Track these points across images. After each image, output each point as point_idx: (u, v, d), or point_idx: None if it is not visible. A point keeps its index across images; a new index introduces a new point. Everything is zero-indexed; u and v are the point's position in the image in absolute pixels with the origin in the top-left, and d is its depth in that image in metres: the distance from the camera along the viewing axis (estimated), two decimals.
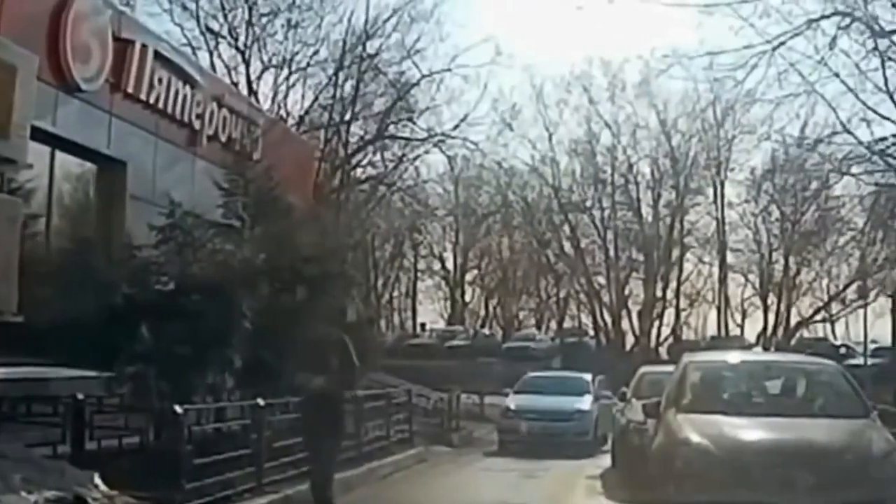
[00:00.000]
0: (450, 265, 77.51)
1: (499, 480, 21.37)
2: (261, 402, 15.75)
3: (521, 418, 28.73)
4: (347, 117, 43.96)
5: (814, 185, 59.15)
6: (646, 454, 13.70)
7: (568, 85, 64.25)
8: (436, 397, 32.81)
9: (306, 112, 44.39)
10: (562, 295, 73.21)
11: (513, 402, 29.90)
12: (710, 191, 67.57)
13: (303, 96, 45.18)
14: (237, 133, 26.45)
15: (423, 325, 76.03)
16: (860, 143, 24.76)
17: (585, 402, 29.28)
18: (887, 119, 23.93)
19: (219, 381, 16.77)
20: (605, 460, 23.37)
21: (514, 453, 26.69)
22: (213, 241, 18.36)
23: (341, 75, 43.75)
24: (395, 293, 78.97)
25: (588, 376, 31.58)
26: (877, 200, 37.21)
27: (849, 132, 25.21)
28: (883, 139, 24.54)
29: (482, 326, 75.04)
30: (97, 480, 12.35)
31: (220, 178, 19.85)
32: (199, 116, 25.11)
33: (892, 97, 23.63)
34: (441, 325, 74.77)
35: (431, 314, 79.35)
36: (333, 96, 43.52)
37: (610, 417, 25.73)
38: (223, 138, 25.96)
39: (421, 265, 78.29)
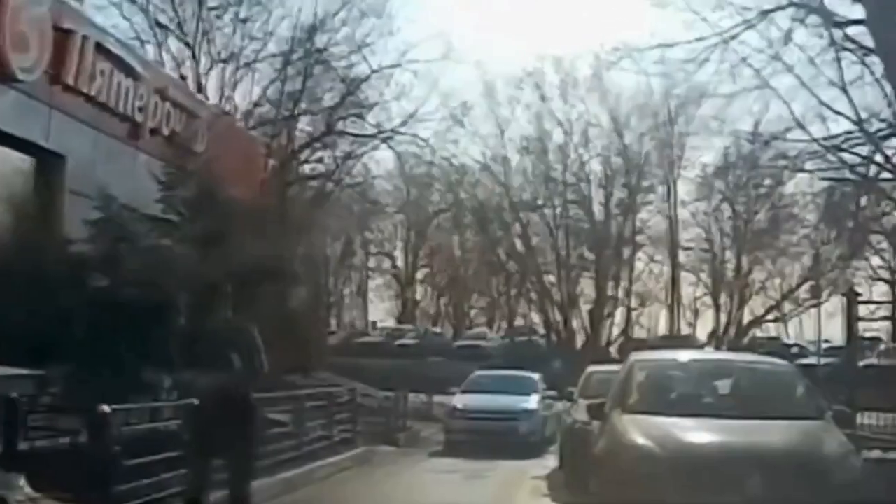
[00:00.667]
0: (400, 263, 77.00)
1: (442, 481, 21.09)
2: (196, 401, 15.25)
3: (468, 418, 28.40)
4: (295, 112, 43.50)
5: (767, 182, 59.31)
6: (590, 456, 13.31)
7: (520, 82, 64.07)
8: (382, 396, 32.35)
9: (255, 105, 43.83)
10: (513, 294, 72.94)
11: (459, 401, 29.54)
12: (663, 189, 67.66)
13: (250, 91, 44.67)
14: (181, 126, 25.98)
15: (373, 323, 76.09)
16: (814, 139, 24.50)
17: (533, 402, 29.02)
18: (841, 115, 23.66)
19: (155, 380, 16.32)
20: (553, 461, 22.97)
21: (460, 453, 26.25)
22: (150, 235, 17.90)
23: (289, 70, 43.30)
24: (347, 291, 78.33)
25: (536, 375, 31.41)
26: (830, 198, 37.12)
27: (802, 128, 24.98)
28: (837, 136, 24.27)
29: (433, 325, 74.70)
30: (22, 482, 11.95)
31: (160, 172, 19.44)
32: (142, 109, 24.67)
33: (846, 92, 23.38)
34: (392, 323, 74.35)
35: (382, 313, 79.14)
36: (281, 91, 43.07)
37: (559, 417, 25.51)
38: (166, 132, 25.51)
39: (372, 263, 77.79)
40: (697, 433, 11.51)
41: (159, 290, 16.44)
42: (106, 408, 12.99)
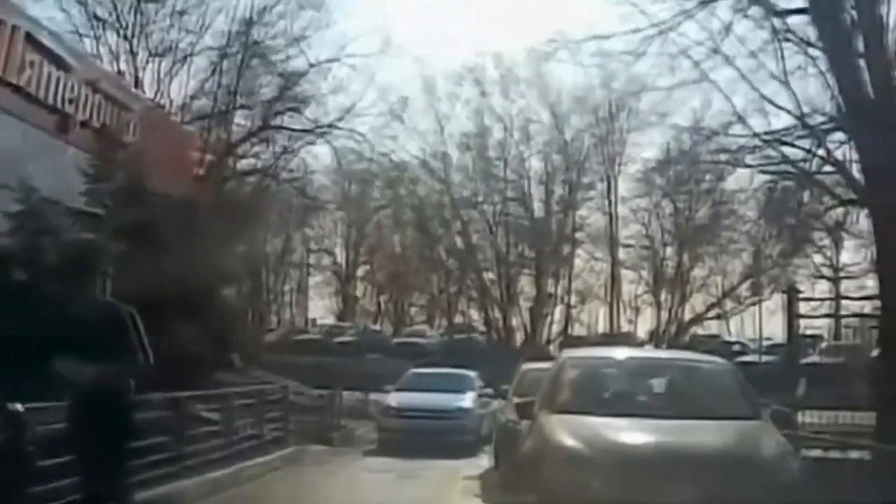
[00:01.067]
0: (341, 260, 76.36)
1: (373, 481, 20.87)
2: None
3: (402, 416, 28.12)
4: (232, 107, 43.10)
5: (708, 178, 59.37)
6: (519, 457, 12.97)
7: (460, 78, 63.78)
8: (315, 394, 31.92)
9: (191, 98, 43.43)
10: (452, 291, 72.41)
11: (394, 399, 29.19)
12: (603, 185, 67.41)
13: (186, 85, 44.27)
14: (112, 119, 25.43)
15: (313, 320, 75.25)
16: (755, 133, 24.18)
17: (468, 400, 28.75)
18: (782, 109, 23.33)
19: (76, 376, 15.87)
20: (488, 460, 22.65)
21: (394, 452, 25.99)
22: (72, 229, 17.47)
23: (226, 64, 42.94)
24: (287, 288, 77.79)
25: (472, 373, 31.11)
26: (771, 194, 36.96)
27: (743, 122, 24.64)
28: (778, 130, 23.96)
29: (373, 322, 74.23)
30: None
31: (87, 165, 19.03)
32: (72, 101, 24.05)
33: (788, 86, 23.05)
34: (332, 320, 73.49)
35: (323, 310, 78.21)
36: (218, 85, 42.70)
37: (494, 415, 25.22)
38: (97, 124, 24.90)
39: (312, 260, 77.05)
40: (628, 433, 11.16)
41: (79, 283, 16.00)
42: (19, 406, 12.27)
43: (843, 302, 50.18)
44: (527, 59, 57.24)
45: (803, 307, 26.08)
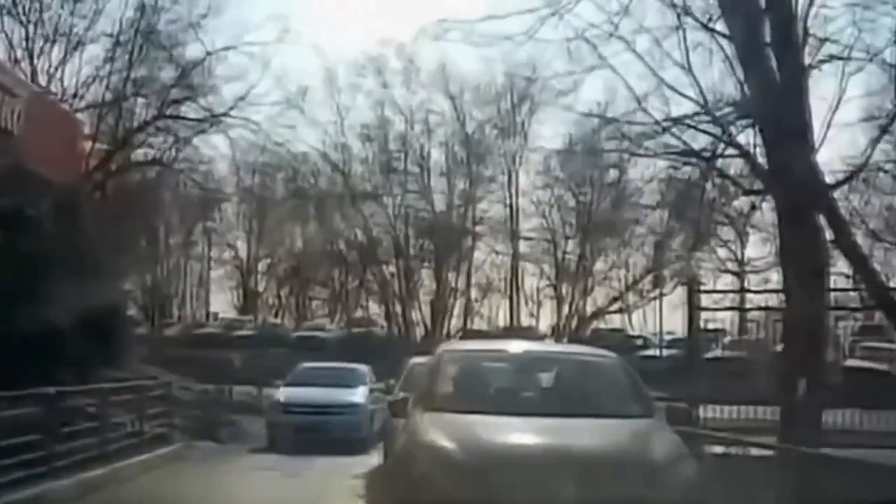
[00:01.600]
0: (243, 253, 75.58)
1: (255, 480, 20.21)
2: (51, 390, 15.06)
3: (291, 412, 27.59)
4: (126, 95, 42.23)
5: (612, 171, 59.38)
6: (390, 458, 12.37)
7: (362, 68, 63.40)
8: (200, 389, 31.24)
9: (86, 86, 42.49)
10: (354, 285, 72.16)
11: (282, 394, 28.63)
12: (504, 178, 67.17)
13: (79, 71, 43.29)
14: None
15: (214, 314, 74.66)
16: (656, 121, 23.80)
17: (359, 395, 28.29)
18: (685, 96, 22.96)
19: None
20: (375, 458, 22.05)
21: (282, 449, 25.53)
22: None
23: (120, 50, 42.03)
24: (190, 282, 76.46)
25: (364, 367, 30.66)
26: (670, 182, 36.71)
27: (643, 110, 24.23)
28: (681, 118, 23.56)
29: (275, 316, 73.80)
30: None
31: None
32: None
33: (691, 72, 22.69)
34: (234, 314, 72.84)
35: (225, 304, 77.61)
36: (109, 72, 41.82)
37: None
38: None
39: (215, 253, 76.08)
40: (506, 433, 10.43)
41: None
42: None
43: (748, 296, 50.41)
44: (423, 44, 56.80)
45: (705, 300, 25.75)
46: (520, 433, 10.44)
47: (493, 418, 10.83)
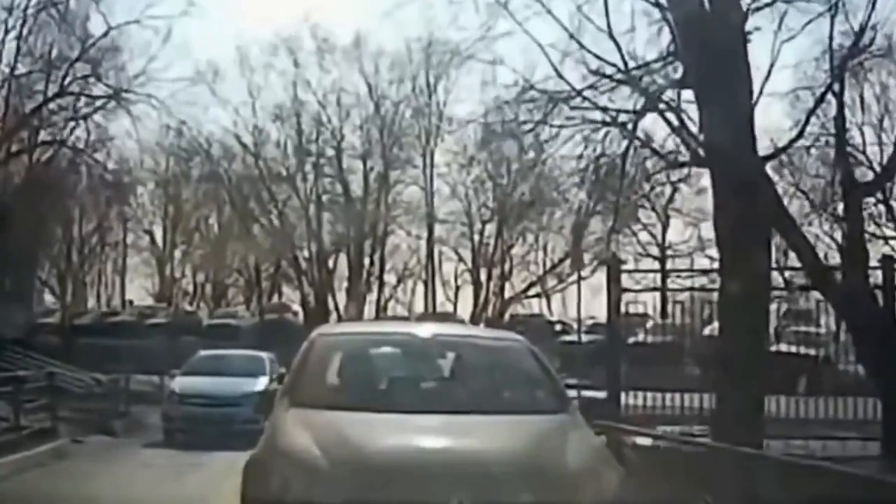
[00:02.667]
0: (159, 240, 73.75)
1: (136, 478, 18.96)
2: None
3: (186, 403, 26.39)
4: (21, 70, 40.72)
5: (530, 154, 58.34)
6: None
7: (275, 49, 61.75)
8: (93, 379, 29.87)
9: None
10: (270, 271, 70.84)
11: (178, 384, 27.47)
12: (420, 160, 65.79)
13: None
14: None
15: (130, 301, 72.61)
16: (573, 89, 22.81)
17: (260, 385, 26.66)
18: (606, 62, 21.98)
19: None
20: None
21: (178, 444, 24.53)
22: None
23: (13, 21, 40.46)
24: (108, 269, 75.39)
25: (266, 355, 29.50)
26: (591, 163, 35.74)
27: (560, 77, 23.26)
28: (598, 81, 22.60)
29: (191, 304, 72.05)
30: None
31: None
32: None
33: (612, 36, 21.70)
34: (151, 302, 71.05)
35: (142, 291, 75.57)
36: (2, 43, 40.23)
37: None
38: None
39: (131, 239, 74.36)
40: (385, 435, 8.69)
41: None
42: None
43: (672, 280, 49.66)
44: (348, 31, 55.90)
45: (627, 281, 24.73)
46: (402, 435, 8.75)
47: (372, 416, 9.14)
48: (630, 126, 23.31)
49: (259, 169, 63.70)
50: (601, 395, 21.04)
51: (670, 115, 21.33)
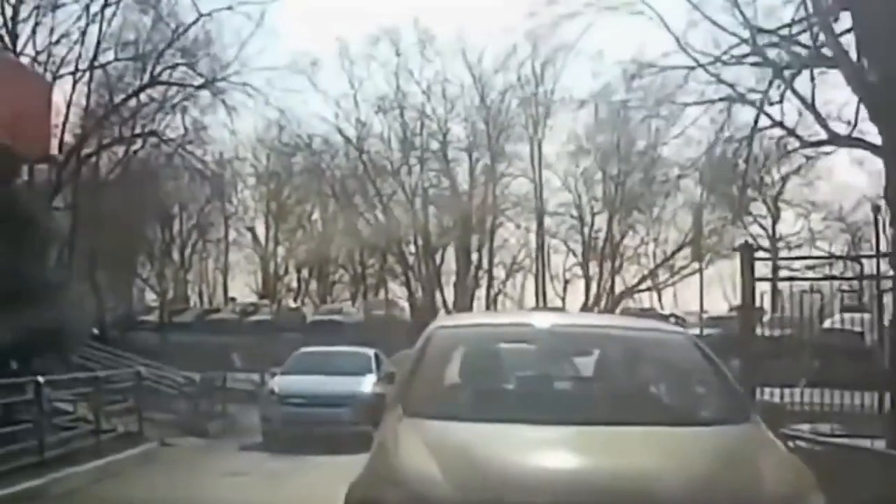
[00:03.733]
0: (262, 236, 73.04)
1: (231, 486, 17.23)
2: None
3: (286, 403, 24.59)
4: (108, 59, 39.53)
5: (641, 144, 57.04)
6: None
7: (375, 39, 60.37)
8: (193, 378, 28.28)
9: (54, 44, 39.57)
10: (376, 266, 69.72)
11: (277, 383, 25.70)
12: (528, 151, 64.21)
13: (51, 31, 40.34)
14: None
15: (232, 299, 72.48)
16: (698, 64, 20.97)
17: (365, 384, 25.03)
18: (733, 34, 20.11)
19: None
20: None
21: (277, 447, 22.73)
22: None
23: (95, 8, 39.25)
24: (209, 266, 74.63)
25: (373, 352, 27.64)
26: (711, 153, 33.69)
27: (684, 51, 21.44)
28: (724, 56, 20.71)
29: (294, 300, 71.30)
30: None
31: None
32: None
33: (738, 6, 19.80)
34: (255, 299, 70.69)
35: (244, 288, 75.18)
36: (83, 32, 39.04)
37: None
38: None
39: (233, 236, 73.58)
40: (525, 455, 6.57)
41: None
42: None
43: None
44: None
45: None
46: (547, 454, 6.61)
47: (504, 429, 7.02)
48: (758, 102, 21.55)
49: (363, 163, 62.51)
50: None
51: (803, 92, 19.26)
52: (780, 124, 24.74)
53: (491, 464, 6.47)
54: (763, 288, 24.63)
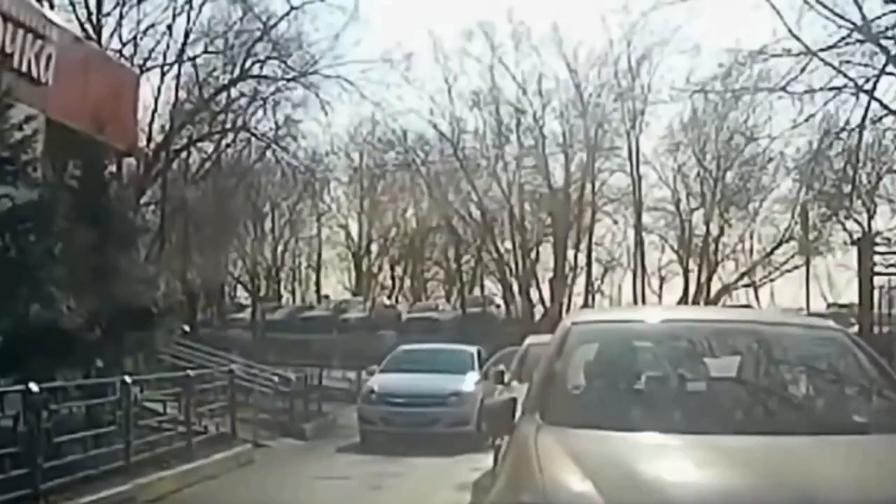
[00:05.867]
0: (355, 233, 72.74)
1: (329, 490, 16.41)
2: (34, 387, 12.62)
3: (385, 403, 23.82)
4: (199, 52, 39.01)
5: (738, 138, 56.03)
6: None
7: (469, 34, 58.57)
8: (293, 377, 27.47)
9: (138, 37, 39.11)
10: (469, 263, 68.74)
11: (376, 382, 24.92)
12: (625, 146, 62.64)
13: (138, 23, 39.94)
14: (14, 46, 20.71)
15: (325, 296, 72.17)
16: (808, 49, 19.82)
17: (467, 383, 24.21)
18: (844, 19, 18.94)
19: None
20: (489, 458, 17.45)
21: (374, 448, 21.95)
22: None
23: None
24: (302, 263, 74.79)
25: (474, 349, 26.73)
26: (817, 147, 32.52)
27: (795, 37, 20.34)
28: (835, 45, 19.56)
29: (389, 297, 71.19)
30: None
31: None
32: None
33: None
34: (348, 296, 70.51)
35: (338, 285, 75.27)
36: (171, 25, 38.69)
37: None
38: None
39: (327, 233, 73.50)
40: (693, 471, 5.62)
41: None
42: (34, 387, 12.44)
43: None
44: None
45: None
46: (713, 471, 5.63)
47: (657, 439, 6.13)
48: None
49: (458, 158, 61.37)
50: None
51: None
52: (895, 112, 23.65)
53: (647, 475, 5.50)
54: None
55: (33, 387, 12.46)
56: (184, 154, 44.04)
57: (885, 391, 6.87)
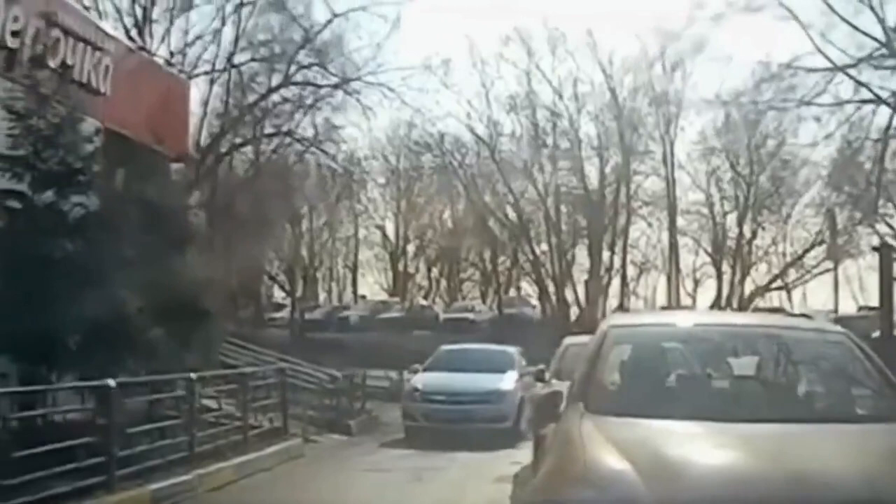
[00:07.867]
0: (391, 234, 73.98)
1: (368, 485, 17.07)
2: (112, 382, 13.39)
3: (428, 400, 24.58)
4: (244, 59, 39.75)
5: (770, 143, 56.48)
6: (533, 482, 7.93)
7: (506, 39, 60.18)
8: (335, 375, 28.23)
9: (186, 45, 39.91)
10: (505, 264, 69.72)
11: (419, 380, 25.67)
12: (659, 150, 63.74)
13: (186, 32, 40.81)
14: (75, 59, 21.57)
15: (362, 296, 73.63)
16: (834, 66, 20.57)
17: (507, 381, 24.99)
18: (868, 36, 19.67)
19: None
20: (528, 453, 18.25)
21: (417, 444, 22.61)
22: None
23: (230, 8, 39.55)
24: (339, 263, 76.13)
25: (514, 349, 27.48)
26: (844, 153, 33.11)
27: (821, 52, 21.09)
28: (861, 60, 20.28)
29: (425, 298, 72.17)
30: None
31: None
32: (17, 34, 20.22)
33: (872, 6, 19.35)
34: (385, 297, 71.55)
35: (374, 286, 76.62)
36: (217, 32, 39.45)
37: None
38: (53, 64, 21.08)
39: (364, 234, 74.63)
40: (721, 453, 6.33)
41: None
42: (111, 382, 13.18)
43: None
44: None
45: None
46: (734, 452, 6.33)
47: (688, 426, 6.89)
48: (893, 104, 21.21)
49: (494, 161, 62.12)
50: None
51: None
52: None
53: (685, 458, 6.28)
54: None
55: (111, 382, 13.25)
56: (229, 157, 44.76)
57: (884, 389, 7.70)
